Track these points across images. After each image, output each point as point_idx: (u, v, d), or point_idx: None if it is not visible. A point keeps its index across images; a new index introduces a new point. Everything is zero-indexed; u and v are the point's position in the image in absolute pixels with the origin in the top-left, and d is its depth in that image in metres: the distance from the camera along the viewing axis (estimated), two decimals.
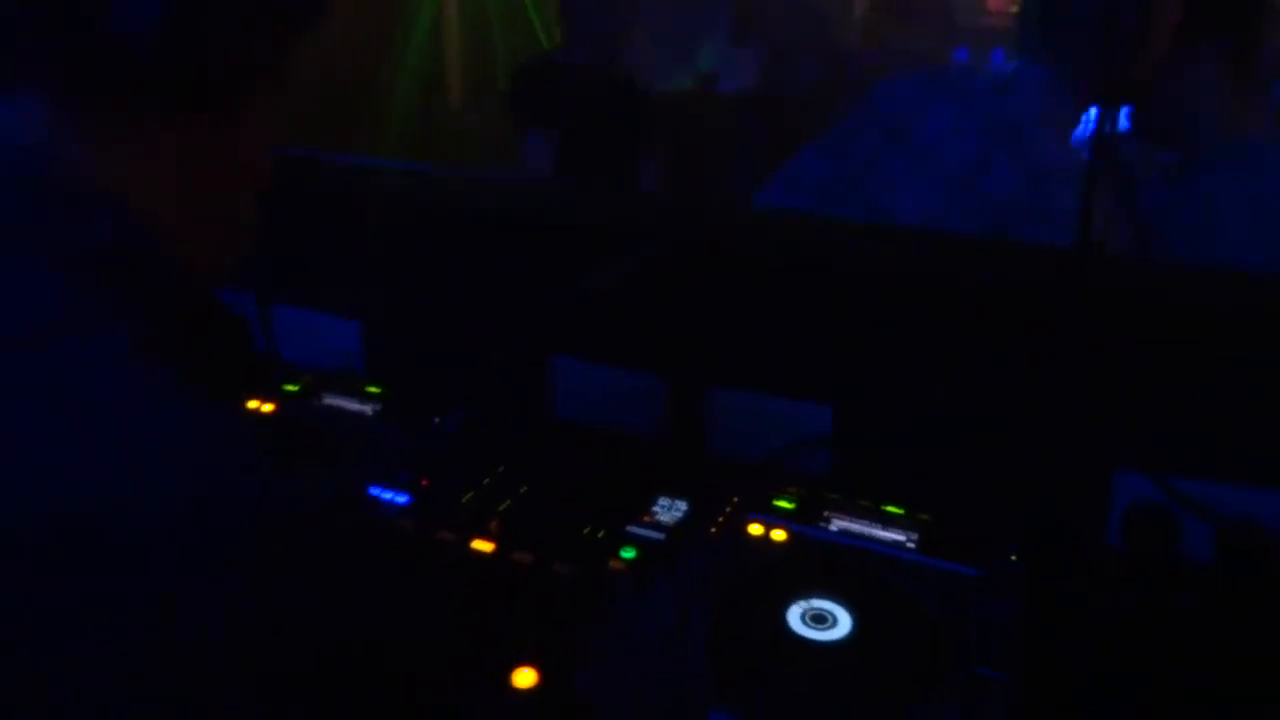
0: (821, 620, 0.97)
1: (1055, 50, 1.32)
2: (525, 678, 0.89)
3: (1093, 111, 1.27)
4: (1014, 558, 1.06)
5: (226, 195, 0.73)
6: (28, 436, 0.53)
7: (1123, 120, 1.30)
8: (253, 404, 1.37)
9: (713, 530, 1.11)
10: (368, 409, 1.39)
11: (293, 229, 1.29)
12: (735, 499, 1.16)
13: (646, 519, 1.14)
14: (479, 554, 1.08)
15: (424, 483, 1.19)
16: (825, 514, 1.13)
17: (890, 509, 1.13)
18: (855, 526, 1.12)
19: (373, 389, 1.42)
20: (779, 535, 1.10)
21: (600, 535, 1.11)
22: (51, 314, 0.59)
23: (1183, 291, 1.14)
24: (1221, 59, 1.28)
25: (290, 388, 1.43)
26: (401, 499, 1.17)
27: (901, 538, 1.10)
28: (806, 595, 0.99)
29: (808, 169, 1.55)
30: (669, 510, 1.16)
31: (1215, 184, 1.25)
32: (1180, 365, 1.14)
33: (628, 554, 1.07)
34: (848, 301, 1.27)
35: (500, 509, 1.15)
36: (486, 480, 1.20)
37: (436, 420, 1.34)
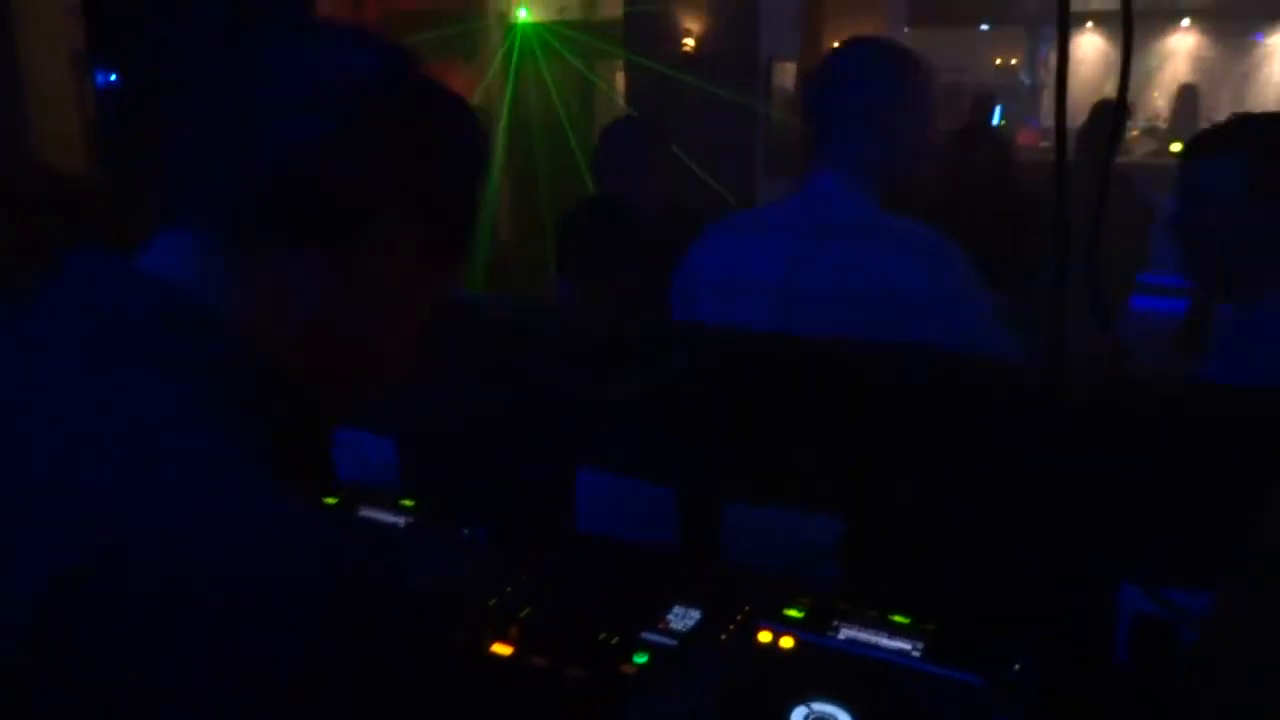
0: None
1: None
2: None
3: None
4: (1018, 668, 1.08)
5: (359, 344, 0.78)
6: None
7: None
8: None
9: (723, 637, 1.15)
10: (401, 521, 1.45)
11: None
12: (747, 608, 1.20)
13: (661, 626, 1.18)
14: (498, 657, 1.13)
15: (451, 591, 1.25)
16: (834, 623, 1.17)
17: (897, 618, 1.16)
18: (862, 635, 1.14)
19: (406, 502, 1.49)
20: (787, 642, 1.13)
21: (614, 641, 1.15)
22: (159, 415, 0.63)
23: (1182, 403, 1.19)
24: None
25: (329, 500, 1.50)
26: None
27: (907, 646, 1.12)
28: (810, 699, 1.02)
29: None
30: (682, 618, 1.19)
31: None
32: (1181, 477, 1.17)
33: (640, 659, 1.11)
34: (859, 417, 1.32)
35: (521, 615, 1.20)
36: (510, 588, 1.25)
37: (465, 532, 1.40)
